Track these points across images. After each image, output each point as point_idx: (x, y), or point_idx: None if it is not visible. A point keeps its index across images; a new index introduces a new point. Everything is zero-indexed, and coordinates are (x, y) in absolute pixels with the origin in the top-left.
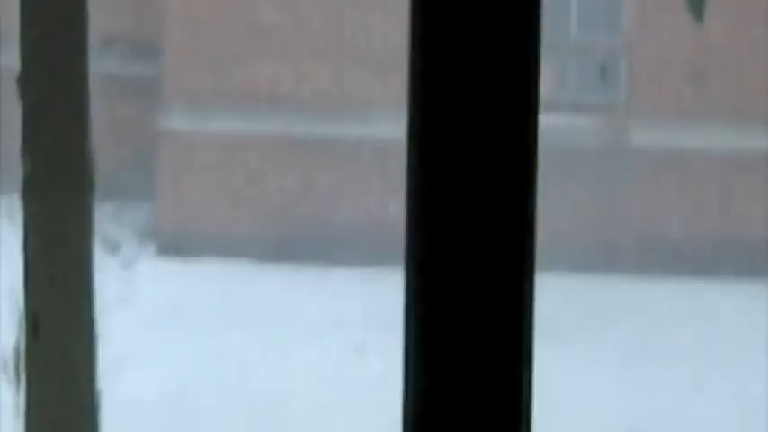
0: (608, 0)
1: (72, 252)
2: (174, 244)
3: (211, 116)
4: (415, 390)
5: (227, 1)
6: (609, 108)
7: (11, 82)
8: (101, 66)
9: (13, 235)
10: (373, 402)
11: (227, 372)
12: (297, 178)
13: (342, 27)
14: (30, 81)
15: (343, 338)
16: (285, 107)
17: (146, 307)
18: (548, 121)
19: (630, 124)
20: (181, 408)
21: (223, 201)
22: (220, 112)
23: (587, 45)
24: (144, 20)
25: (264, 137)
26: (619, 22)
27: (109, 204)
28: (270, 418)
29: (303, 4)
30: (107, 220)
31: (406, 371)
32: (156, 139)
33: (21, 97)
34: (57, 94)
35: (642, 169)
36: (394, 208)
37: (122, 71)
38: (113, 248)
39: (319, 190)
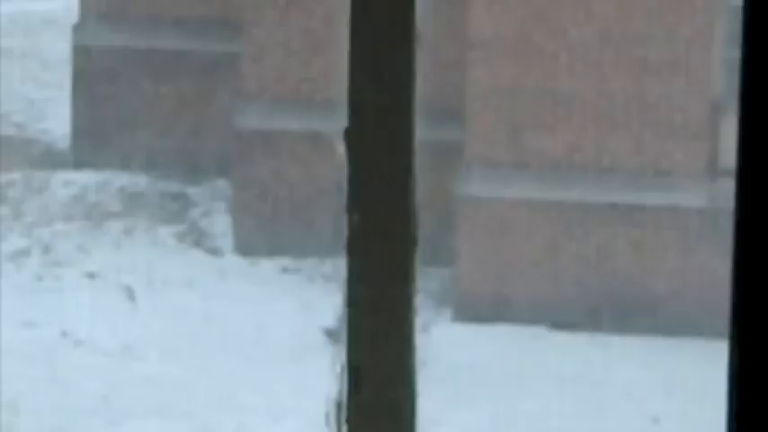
0: None
1: (395, 307)
2: (471, 309)
3: (510, 183)
4: None
5: (528, 69)
6: None
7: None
8: None
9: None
10: None
11: None
12: (595, 246)
13: (642, 94)
14: (356, 135)
15: (640, 409)
16: (585, 174)
17: (442, 370)
18: None
19: None
20: None
21: (520, 267)
22: (519, 178)
23: None
24: (445, 86)
25: (563, 204)
26: None
27: None
28: None
29: (603, 71)
30: None
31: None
32: (454, 204)
33: (348, 151)
34: (383, 148)
35: None
36: (692, 277)
37: (424, 136)
38: None
39: (618, 258)
